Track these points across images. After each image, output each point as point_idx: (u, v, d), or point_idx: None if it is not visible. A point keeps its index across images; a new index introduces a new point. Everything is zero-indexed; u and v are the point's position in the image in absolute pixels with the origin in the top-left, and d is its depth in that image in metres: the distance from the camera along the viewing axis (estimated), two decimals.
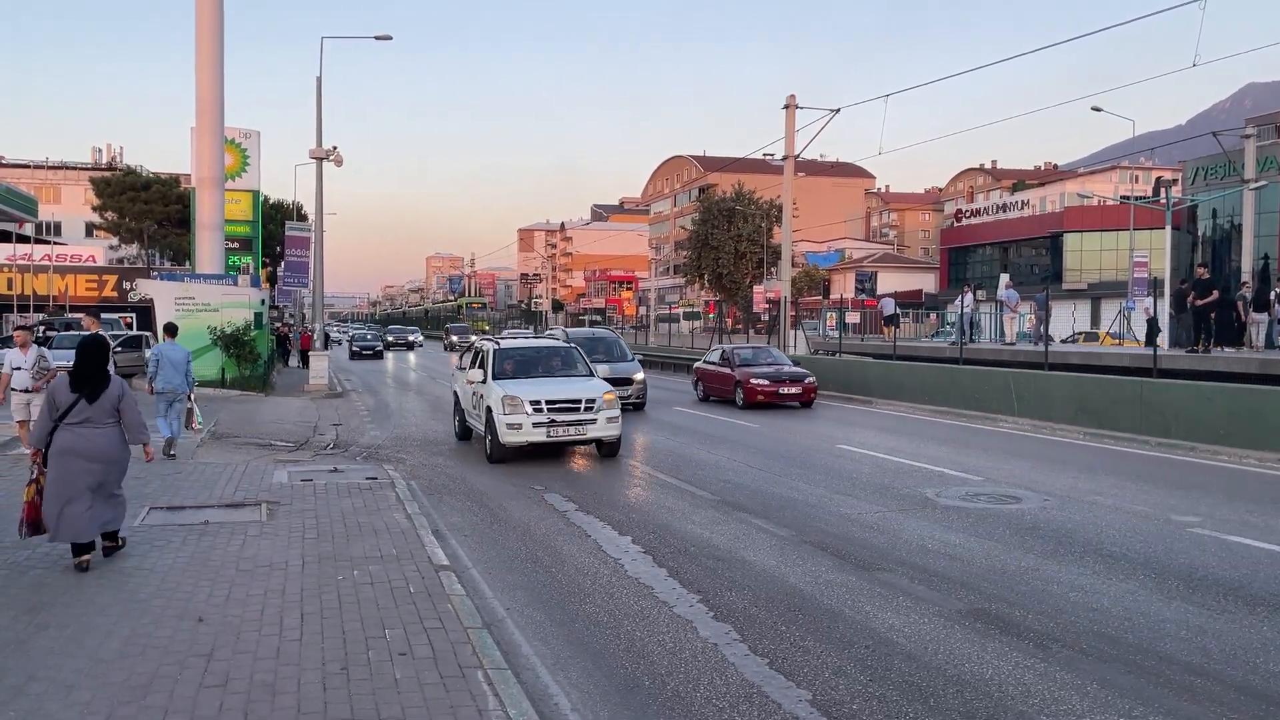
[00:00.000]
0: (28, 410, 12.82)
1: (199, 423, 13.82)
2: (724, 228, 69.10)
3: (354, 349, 52.15)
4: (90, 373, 7.62)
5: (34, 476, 7.60)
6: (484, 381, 14.82)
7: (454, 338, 62.39)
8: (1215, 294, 21.63)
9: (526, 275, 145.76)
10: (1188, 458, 14.47)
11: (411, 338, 66.86)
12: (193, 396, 13.66)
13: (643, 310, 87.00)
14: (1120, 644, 6.19)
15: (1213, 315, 21.23)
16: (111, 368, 8.35)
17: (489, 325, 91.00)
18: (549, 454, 15.14)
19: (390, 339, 63.25)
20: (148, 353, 13.72)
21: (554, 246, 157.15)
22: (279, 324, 50.60)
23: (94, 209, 64.22)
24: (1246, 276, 32.35)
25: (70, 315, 32.53)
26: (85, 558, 7.44)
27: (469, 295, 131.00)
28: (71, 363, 7.82)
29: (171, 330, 14.39)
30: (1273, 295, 23.28)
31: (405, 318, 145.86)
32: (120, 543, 8.00)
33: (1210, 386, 16.20)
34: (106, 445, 7.57)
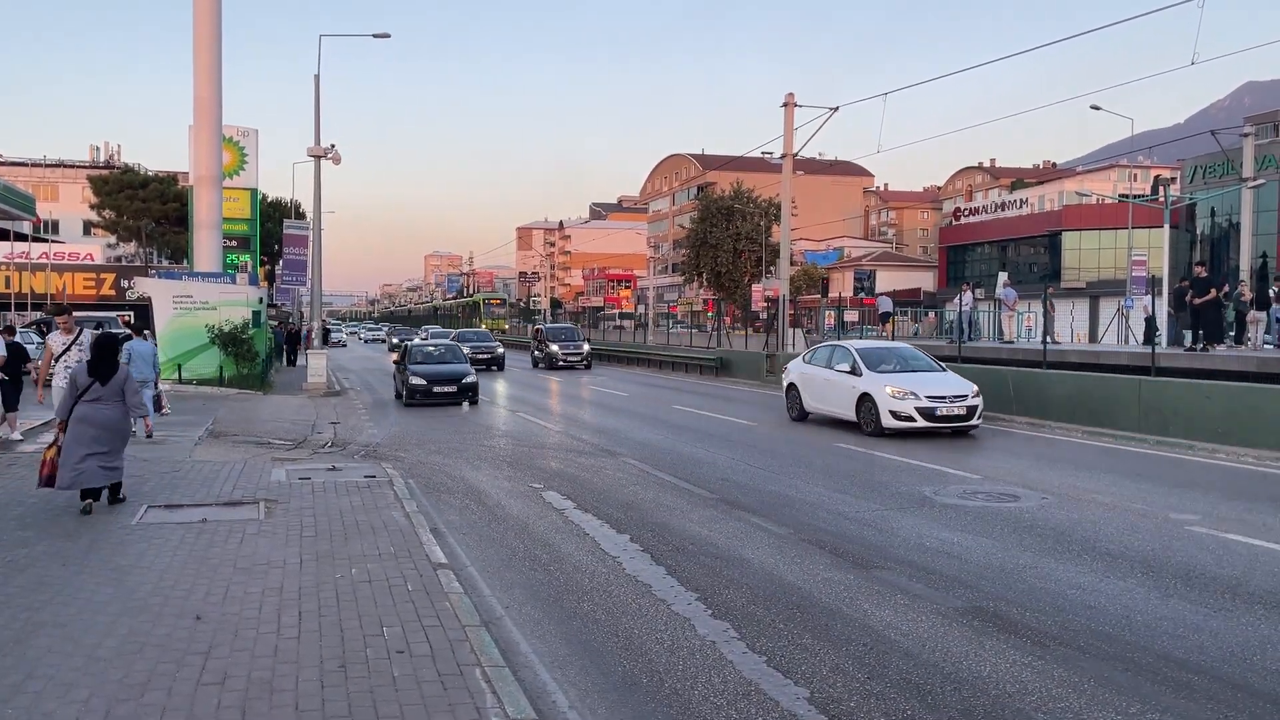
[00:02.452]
0: None
1: (167, 407, 16.76)
2: (722, 226, 69.10)
3: (417, 382, 23.47)
4: (104, 362, 9.52)
5: (55, 441, 9.42)
6: None
7: (554, 347, 39.43)
8: (1213, 293, 21.66)
9: (525, 274, 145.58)
10: (1186, 456, 14.48)
11: (498, 349, 40.14)
12: (159, 383, 16.53)
13: (641, 309, 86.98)
14: (1118, 642, 6.20)
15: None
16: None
17: (507, 325, 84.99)
18: (551, 452, 15.16)
19: (467, 350, 30.80)
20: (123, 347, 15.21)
21: (552, 245, 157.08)
22: (290, 322, 49.97)
23: (92, 207, 64.17)
24: (1244, 275, 32.36)
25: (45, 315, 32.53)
26: (89, 502, 9.31)
27: (469, 293, 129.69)
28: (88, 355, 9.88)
29: (139, 329, 17.77)
30: (1271, 293, 23.30)
31: (411, 316, 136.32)
32: (122, 498, 9.82)
33: (1208, 385, 16.22)
34: (112, 417, 9.48)
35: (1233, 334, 22.96)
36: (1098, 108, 38.31)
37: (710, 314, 63.31)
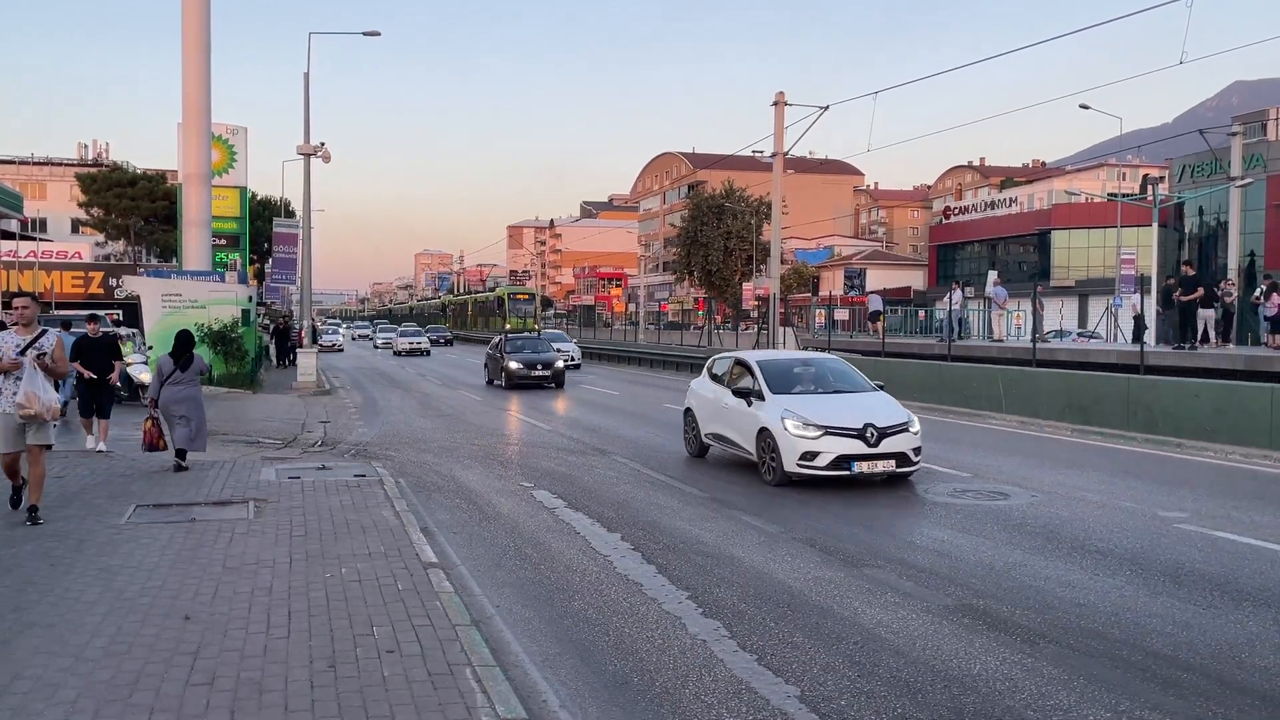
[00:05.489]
0: None
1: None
2: (713, 225, 69.14)
3: None
4: (184, 352, 12.17)
5: (151, 415, 12.01)
6: None
7: None
8: (1201, 291, 21.78)
9: (516, 272, 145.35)
10: (1174, 454, 14.55)
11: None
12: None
13: (632, 307, 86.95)
14: (1107, 639, 6.22)
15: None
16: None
17: (538, 325, 71.16)
18: (541, 451, 15.14)
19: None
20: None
21: (543, 244, 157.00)
22: (281, 317, 48.89)
23: (80, 205, 63.69)
24: (1232, 274, 32.54)
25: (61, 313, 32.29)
26: (181, 464, 11.93)
27: (460, 291, 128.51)
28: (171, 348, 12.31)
29: (67, 325, 18.31)
30: (1259, 291, 23.41)
31: (413, 314, 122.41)
32: (187, 465, 12.06)
33: (1196, 383, 16.29)
34: (190, 395, 12.12)
35: (1220, 332, 23.05)
36: (1087, 107, 38.51)
37: (701, 312, 63.28)
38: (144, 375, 17.86)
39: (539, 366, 27.45)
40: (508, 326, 66.46)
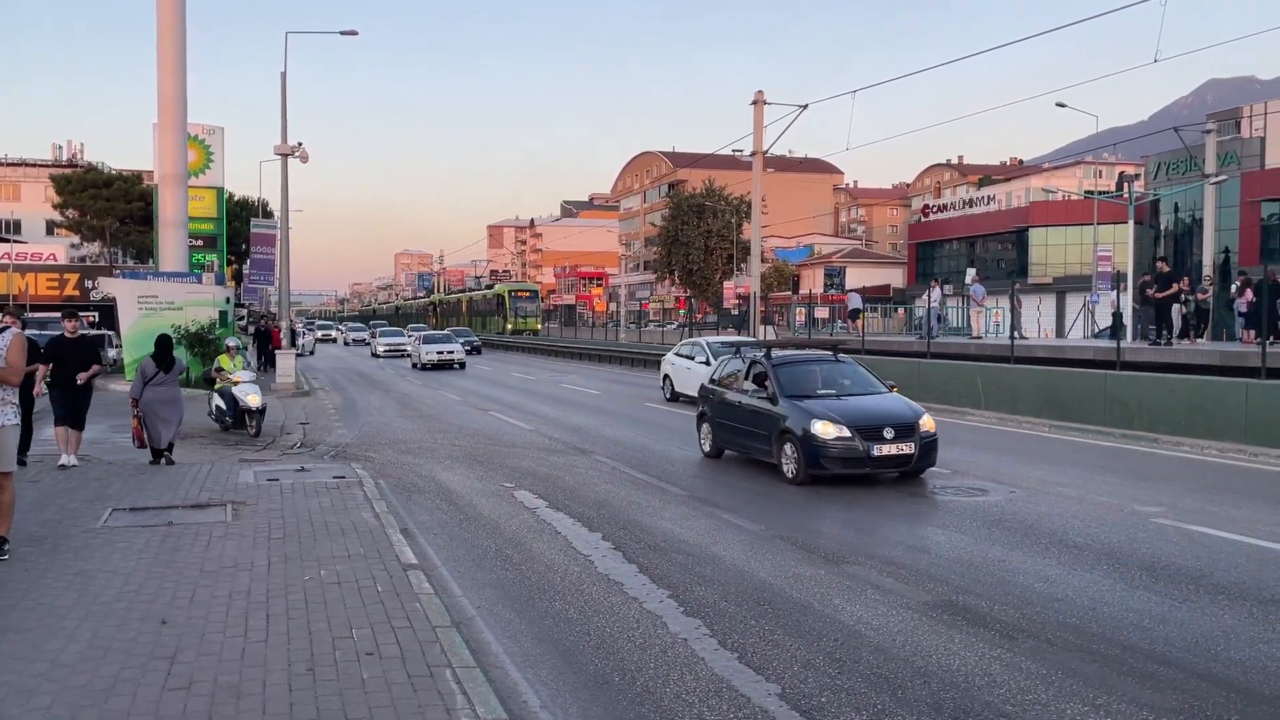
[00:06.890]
0: None
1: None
2: (694, 224, 69.34)
3: None
4: (166, 356, 12.81)
5: (135, 414, 12.66)
6: None
7: None
8: (1175, 287, 21.97)
9: (496, 272, 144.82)
10: (1151, 449, 14.67)
11: None
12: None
13: (613, 306, 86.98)
14: (1085, 633, 6.26)
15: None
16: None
17: (540, 326, 68.35)
18: (523, 451, 15.11)
19: None
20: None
21: (524, 243, 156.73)
22: (263, 318, 47.80)
23: (55, 207, 63.07)
24: (1208, 270, 32.88)
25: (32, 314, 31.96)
26: (164, 458, 12.70)
27: (443, 290, 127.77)
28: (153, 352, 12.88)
29: (25, 323, 16.95)
30: (1233, 288, 23.65)
31: (400, 314, 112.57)
32: (173, 460, 12.81)
33: (1172, 379, 16.43)
34: (172, 396, 12.86)
35: (1194, 328, 23.27)
36: (1063, 105, 38.92)
37: (682, 311, 63.32)
38: (253, 398, 16.30)
39: (888, 433, 11.57)
40: (508, 326, 64.00)
